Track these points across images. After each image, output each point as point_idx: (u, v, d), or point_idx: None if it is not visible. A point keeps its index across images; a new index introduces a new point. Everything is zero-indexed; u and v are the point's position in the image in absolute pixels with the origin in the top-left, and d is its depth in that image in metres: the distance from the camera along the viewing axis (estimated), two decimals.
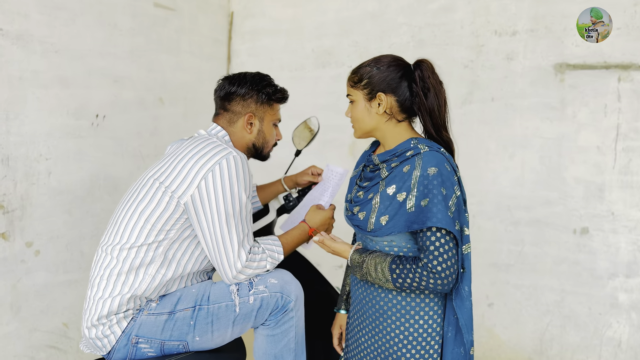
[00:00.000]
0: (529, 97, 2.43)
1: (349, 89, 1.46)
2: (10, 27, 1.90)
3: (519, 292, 2.54)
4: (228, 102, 1.60)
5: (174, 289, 1.44)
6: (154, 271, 1.38)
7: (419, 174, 1.32)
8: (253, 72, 1.66)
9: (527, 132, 2.45)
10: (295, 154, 1.89)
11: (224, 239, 1.37)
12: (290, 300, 1.44)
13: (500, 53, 2.47)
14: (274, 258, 1.47)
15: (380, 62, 1.42)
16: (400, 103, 1.41)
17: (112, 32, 2.32)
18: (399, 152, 1.40)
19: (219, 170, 1.37)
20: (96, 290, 1.39)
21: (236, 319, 1.40)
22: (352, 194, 1.52)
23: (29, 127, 1.99)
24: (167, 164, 1.44)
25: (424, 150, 1.37)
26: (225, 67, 3.13)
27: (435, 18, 2.59)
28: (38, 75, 2.01)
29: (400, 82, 1.40)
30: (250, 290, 1.42)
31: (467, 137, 2.57)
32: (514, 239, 2.53)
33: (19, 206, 1.97)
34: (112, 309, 1.35)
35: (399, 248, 1.39)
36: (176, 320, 1.37)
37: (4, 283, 1.94)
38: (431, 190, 1.30)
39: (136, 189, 1.46)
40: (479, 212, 2.59)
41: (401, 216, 1.33)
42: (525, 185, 2.48)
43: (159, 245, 1.39)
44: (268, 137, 1.64)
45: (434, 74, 1.42)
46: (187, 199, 1.37)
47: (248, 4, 3.08)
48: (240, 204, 1.40)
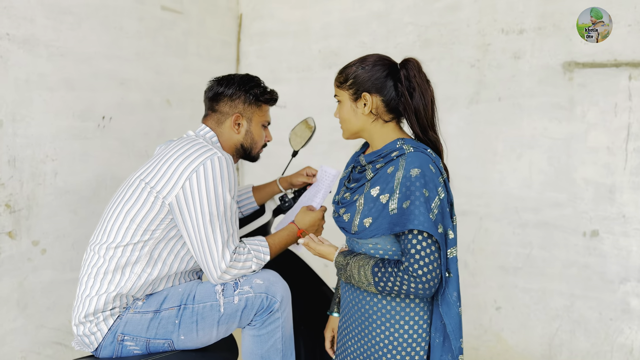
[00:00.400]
0: (537, 97, 2.38)
1: (336, 89, 1.45)
2: (16, 32, 1.95)
3: (528, 296, 2.48)
4: (216, 102, 1.61)
5: (161, 287, 1.46)
6: (140, 270, 1.40)
7: (402, 175, 1.30)
8: (242, 73, 1.67)
9: (535, 132, 2.40)
10: (292, 155, 1.90)
11: (208, 239, 1.38)
12: (275, 301, 1.44)
13: (507, 52, 2.42)
14: (259, 259, 1.47)
15: (366, 62, 1.40)
16: (386, 103, 1.39)
17: (118, 35, 2.37)
18: (384, 153, 1.38)
19: (203, 171, 1.38)
20: (84, 288, 1.41)
21: (221, 319, 1.40)
22: (339, 195, 1.51)
23: (35, 129, 2.04)
24: (153, 165, 1.46)
25: (408, 151, 1.35)
26: (234, 69, 3.15)
27: (441, 17, 2.56)
28: (44, 78, 2.06)
29: (385, 81, 1.38)
30: (235, 290, 1.42)
31: (473, 137, 2.54)
32: (522, 241, 2.47)
33: (25, 206, 2.02)
34: (98, 307, 1.38)
35: (384, 251, 1.37)
36: (161, 319, 1.38)
37: (10, 280, 2.00)
38: (413, 192, 1.27)
39: (123, 189, 1.48)
40: (486, 214, 2.54)
41: (384, 218, 1.31)
42: (533, 187, 2.43)
43: (145, 245, 1.41)
44: (256, 138, 1.65)
45: (421, 72, 1.39)
46: (172, 199, 1.39)
47: (256, 5, 3.10)
48: (224, 204, 1.40)
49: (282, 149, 3.02)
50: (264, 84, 1.67)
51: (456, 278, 1.32)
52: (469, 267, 2.61)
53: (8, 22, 1.93)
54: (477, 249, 2.59)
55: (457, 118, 2.57)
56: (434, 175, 1.30)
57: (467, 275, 2.62)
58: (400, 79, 1.37)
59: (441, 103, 2.58)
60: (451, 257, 1.32)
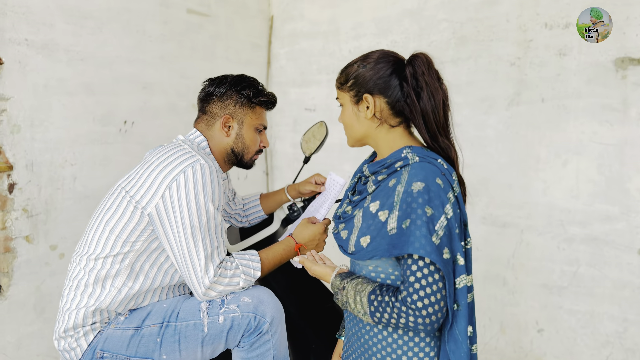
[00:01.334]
0: (585, 97, 2.13)
1: (337, 91, 1.29)
2: (35, 37, 1.96)
3: (574, 318, 2.23)
4: (206, 103, 1.52)
5: (146, 302, 1.38)
6: (120, 284, 1.33)
7: (403, 190, 1.13)
8: (238, 74, 1.56)
9: (583, 137, 2.15)
10: (304, 161, 1.78)
11: (190, 252, 1.29)
12: (264, 322, 1.32)
13: (551, 48, 2.19)
14: (248, 275, 1.36)
15: (368, 59, 1.22)
16: (391, 105, 1.21)
17: (141, 39, 2.35)
18: (388, 163, 1.21)
19: (183, 180, 1.29)
20: (65, 301, 1.36)
21: (205, 339, 1.30)
22: (342, 209, 1.33)
23: (54, 133, 2.04)
24: (135, 173, 1.38)
25: (413, 161, 1.18)
26: (264, 72, 3.08)
27: (478, 12, 2.36)
28: (63, 83, 2.06)
29: (389, 80, 1.19)
30: (221, 309, 1.31)
31: (514, 142, 2.32)
32: (567, 258, 2.23)
33: (43, 210, 2.03)
34: (77, 321, 1.31)
35: (386, 274, 1.19)
36: (142, 336, 1.29)
37: (28, 284, 2.01)
38: (414, 210, 1.09)
39: (106, 197, 1.42)
40: (528, 226, 2.31)
41: (382, 238, 1.14)
42: (581, 198, 2.18)
43: (125, 257, 1.33)
44: (248, 143, 1.53)
45: (431, 69, 1.20)
46: (152, 209, 1.30)
47: (287, 6, 3.02)
48: (207, 215, 1.30)
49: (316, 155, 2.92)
50: (260, 86, 1.56)
51: (466, 311, 1.12)
52: (508, 284, 2.39)
53: (26, 28, 1.94)
54: (518, 265, 2.36)
55: (495, 121, 2.36)
56: (441, 190, 1.12)
57: (506, 293, 2.40)
58: (406, 77, 1.19)
59: (478, 104, 2.40)
60: (460, 288, 1.12)
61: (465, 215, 1.19)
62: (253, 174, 3.05)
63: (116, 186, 1.41)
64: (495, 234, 2.41)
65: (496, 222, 2.40)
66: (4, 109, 1.90)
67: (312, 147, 1.76)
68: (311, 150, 1.76)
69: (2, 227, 1.93)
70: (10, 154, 1.92)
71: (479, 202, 2.44)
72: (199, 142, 1.49)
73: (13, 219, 1.95)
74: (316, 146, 1.74)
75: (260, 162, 3.12)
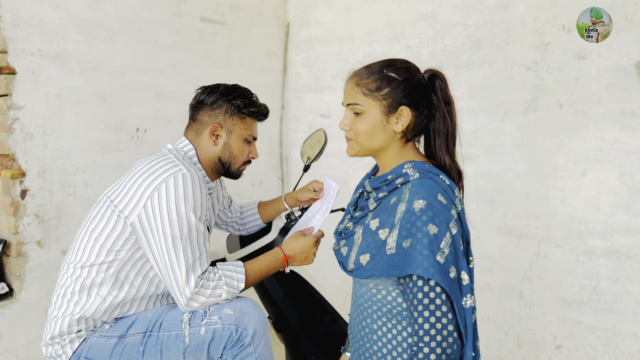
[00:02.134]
0: (606, 103, 2.03)
1: (359, 96, 1.17)
2: (48, 48, 2.02)
3: (594, 335, 2.11)
4: (197, 111, 1.52)
5: (132, 311, 1.38)
6: (105, 292, 1.33)
7: (405, 209, 1.09)
8: (231, 83, 1.55)
9: (604, 144, 2.04)
10: (303, 169, 1.76)
11: (172, 263, 1.28)
12: (246, 334, 1.30)
13: (569, 52, 2.10)
14: (231, 286, 1.34)
15: (400, 69, 1.17)
16: (417, 119, 1.18)
17: (153, 48, 2.38)
18: (389, 180, 1.18)
19: (165, 189, 1.28)
20: (52, 309, 1.38)
21: (186, 351, 1.29)
22: (343, 225, 1.30)
23: (66, 141, 2.09)
24: (121, 182, 1.39)
25: (413, 177, 1.14)
26: (280, 79, 3.08)
27: (493, 15, 2.29)
28: (75, 92, 2.11)
29: (423, 93, 1.17)
30: (202, 320, 1.30)
31: (530, 149, 2.23)
32: (587, 271, 2.12)
33: (54, 216, 2.08)
34: (63, 329, 1.33)
35: (386, 292, 1.14)
36: (125, 345, 1.30)
37: (39, 288, 2.06)
38: (419, 229, 1.05)
39: (94, 206, 1.43)
40: (546, 237, 2.21)
41: (381, 257, 1.10)
42: (601, 208, 2.07)
43: (110, 266, 1.34)
44: (235, 152, 1.52)
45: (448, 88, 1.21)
46: (134, 219, 1.31)
47: (303, 13, 3.01)
48: (189, 225, 1.29)
49: (335, 160, 2.90)
50: (253, 97, 1.54)
51: (471, 332, 1.08)
52: (525, 297, 2.29)
53: (39, 39, 2.00)
54: (535, 278, 2.26)
55: (511, 127, 2.28)
56: (444, 207, 1.08)
57: (522, 307, 2.30)
58: (436, 90, 1.17)
59: (494, 110, 2.32)
60: (467, 308, 1.08)
61: (467, 232, 1.14)
62: (268, 180, 3.05)
63: (102, 195, 1.42)
64: (512, 244, 2.32)
65: (512, 232, 2.31)
66: (17, 117, 1.96)
67: (312, 155, 1.74)
68: (311, 158, 1.74)
69: (14, 232, 1.99)
70: (22, 161, 1.98)
71: (494, 212, 2.35)
72: (186, 150, 1.49)
73: (25, 224, 2.00)
74: (315, 154, 1.72)
75: (276, 168, 3.11)
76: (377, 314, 1.16)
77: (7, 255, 2.03)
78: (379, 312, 1.15)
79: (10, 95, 1.94)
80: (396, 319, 1.13)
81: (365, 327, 1.19)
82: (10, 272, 2.03)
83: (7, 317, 1.97)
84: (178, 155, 1.43)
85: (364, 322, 1.19)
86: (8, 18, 1.91)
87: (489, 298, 2.40)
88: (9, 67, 1.92)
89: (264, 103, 1.58)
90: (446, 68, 2.44)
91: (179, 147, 1.50)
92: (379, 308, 1.15)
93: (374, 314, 1.16)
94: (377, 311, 1.16)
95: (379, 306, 1.15)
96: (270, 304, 1.77)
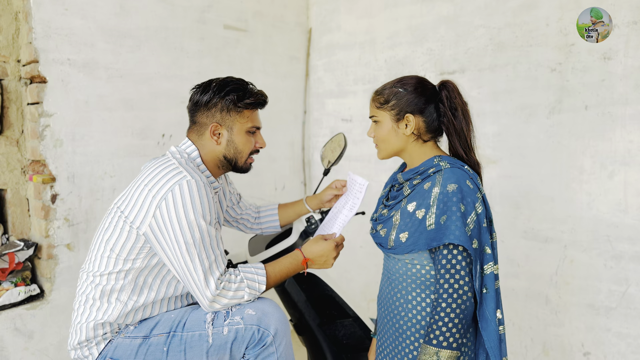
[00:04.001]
0: (633, 104, 1.98)
1: (375, 110, 1.45)
2: (76, 57, 2.09)
3: (624, 342, 2.06)
4: (194, 113, 1.49)
5: (155, 312, 1.41)
6: (126, 298, 1.36)
7: (439, 191, 1.30)
8: (223, 77, 1.52)
9: (631, 146, 2.00)
10: (323, 174, 1.77)
11: (189, 268, 1.30)
12: (268, 334, 1.31)
13: (594, 52, 2.06)
14: (253, 288, 1.36)
15: (407, 84, 1.41)
16: (427, 124, 1.41)
17: (178, 56, 2.44)
18: (421, 170, 1.39)
19: (172, 198, 1.29)
20: (76, 315, 1.40)
21: (210, 350, 1.31)
22: (377, 213, 1.51)
23: (94, 147, 2.16)
24: (128, 191, 1.40)
25: (445, 167, 1.36)
26: (302, 84, 3.11)
27: (516, 17, 2.26)
28: (103, 99, 2.18)
29: (427, 103, 1.39)
30: (225, 320, 1.32)
31: (556, 152, 2.19)
32: (615, 276, 2.07)
33: (83, 220, 2.14)
34: (89, 335, 1.36)
35: (421, 266, 1.35)
36: (150, 345, 1.33)
37: (69, 290, 2.12)
38: (450, 207, 1.27)
39: (106, 215, 1.45)
40: (572, 242, 2.17)
41: (421, 234, 1.31)
42: (630, 212, 2.02)
43: (128, 273, 1.36)
44: (240, 147, 1.49)
45: (460, 95, 1.41)
46: (146, 229, 1.32)
47: (325, 19, 3.03)
48: (200, 231, 1.30)
49: (357, 164, 2.90)
50: (246, 87, 1.50)
51: (494, 295, 1.30)
52: (551, 302, 2.25)
53: (69, 48, 2.07)
54: (562, 283, 2.22)
55: (536, 129, 2.24)
56: (472, 190, 1.30)
57: (549, 313, 2.26)
58: (442, 99, 1.40)
59: (517, 112, 2.29)
60: (488, 274, 1.30)
61: (490, 213, 1.37)
62: (291, 184, 3.08)
63: (113, 204, 1.44)
64: (537, 249, 2.28)
65: (538, 236, 2.27)
66: (48, 124, 2.03)
67: (332, 159, 1.75)
68: (331, 161, 1.75)
69: (45, 235, 2.06)
70: (53, 167, 2.05)
71: (519, 216, 2.32)
72: (189, 152, 1.48)
73: (55, 228, 2.07)
74: (335, 158, 1.73)
75: (298, 172, 3.14)
76: (412, 286, 1.36)
77: (38, 257, 2.10)
78: (413, 284, 1.35)
79: (41, 103, 2.01)
80: (429, 290, 1.34)
81: (400, 298, 1.38)
82: (41, 274, 2.10)
83: (38, 318, 2.04)
84: (181, 160, 1.43)
85: (398, 294, 1.39)
86: (39, 29, 1.98)
87: (514, 303, 2.36)
88: (40, 76, 2.00)
89: (261, 90, 1.54)
90: (468, 71, 2.42)
91: (182, 149, 1.49)
92: (412, 281, 1.35)
93: (408, 286, 1.36)
94: (411, 284, 1.36)
95: (413, 279, 1.35)
96: (291, 307, 1.79)
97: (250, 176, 2.83)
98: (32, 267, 2.12)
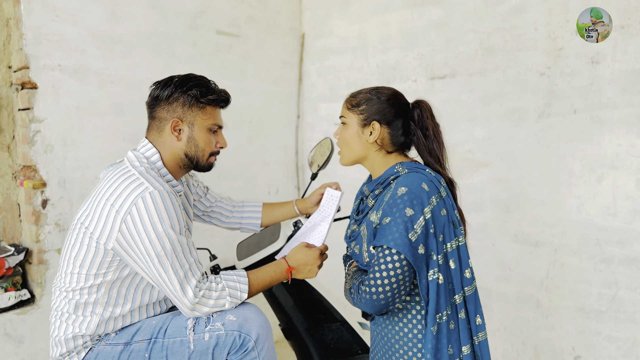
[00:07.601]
0: (621, 108, 1.99)
1: (345, 110, 1.44)
2: (67, 63, 2.10)
3: (614, 345, 2.06)
4: (154, 108, 1.44)
5: (135, 320, 1.40)
6: (101, 310, 1.34)
7: (390, 195, 1.30)
8: (185, 73, 1.48)
9: (620, 150, 2.00)
10: (311, 178, 1.78)
11: (163, 279, 1.29)
12: (249, 339, 1.31)
13: (582, 56, 2.07)
14: (234, 297, 1.35)
15: (382, 93, 1.40)
16: (392, 136, 1.40)
17: (170, 61, 2.45)
18: (383, 179, 1.38)
19: (136, 212, 1.27)
20: (53, 329, 1.39)
21: (191, 356, 1.31)
22: (349, 230, 1.49)
23: (85, 152, 2.17)
24: (89, 204, 1.36)
25: (403, 173, 1.35)
26: (296, 89, 3.12)
27: (505, 21, 2.27)
28: (94, 105, 2.19)
29: (396, 116, 1.39)
30: (206, 326, 1.32)
31: (545, 156, 2.20)
32: (605, 280, 2.07)
33: None
34: (69, 346, 1.35)
35: None
36: (131, 352, 1.32)
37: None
38: (394, 212, 1.26)
39: (70, 232, 1.42)
40: (562, 245, 2.17)
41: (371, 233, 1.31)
42: (619, 215, 2.02)
43: (100, 287, 1.34)
44: (202, 145, 1.44)
45: (433, 116, 1.42)
46: (113, 244, 1.30)
47: (317, 24, 3.05)
48: (170, 241, 1.28)
49: (350, 168, 2.90)
50: (210, 83, 1.46)
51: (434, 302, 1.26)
52: (542, 306, 2.25)
53: (60, 54, 2.08)
54: (552, 286, 2.22)
55: (525, 134, 2.25)
56: (423, 193, 1.27)
57: (539, 316, 2.26)
58: (414, 117, 1.40)
59: (507, 116, 2.30)
60: (431, 280, 1.26)
61: (452, 215, 1.33)
62: (284, 189, 3.08)
63: (75, 220, 1.40)
64: (528, 253, 2.28)
65: (528, 240, 2.27)
66: (39, 130, 2.04)
67: (320, 163, 1.76)
68: (320, 165, 1.76)
69: (36, 240, 2.06)
70: (43, 172, 2.06)
71: (510, 220, 2.32)
72: (149, 156, 1.42)
73: (46, 233, 2.08)
74: (322, 162, 1.74)
75: (292, 177, 3.14)
76: None
77: (29, 262, 2.11)
78: None
79: (32, 109, 2.02)
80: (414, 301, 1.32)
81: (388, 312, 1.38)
82: (32, 279, 2.11)
83: (28, 323, 2.04)
84: (140, 168, 1.37)
85: None
86: (30, 35, 2.00)
87: (505, 307, 2.36)
88: (31, 82, 2.01)
89: (224, 89, 1.51)
90: (459, 75, 2.44)
91: (140, 152, 1.43)
92: None
93: None
94: None
95: None
96: (279, 310, 1.79)
97: (244, 180, 2.84)
98: (22, 272, 2.13)
